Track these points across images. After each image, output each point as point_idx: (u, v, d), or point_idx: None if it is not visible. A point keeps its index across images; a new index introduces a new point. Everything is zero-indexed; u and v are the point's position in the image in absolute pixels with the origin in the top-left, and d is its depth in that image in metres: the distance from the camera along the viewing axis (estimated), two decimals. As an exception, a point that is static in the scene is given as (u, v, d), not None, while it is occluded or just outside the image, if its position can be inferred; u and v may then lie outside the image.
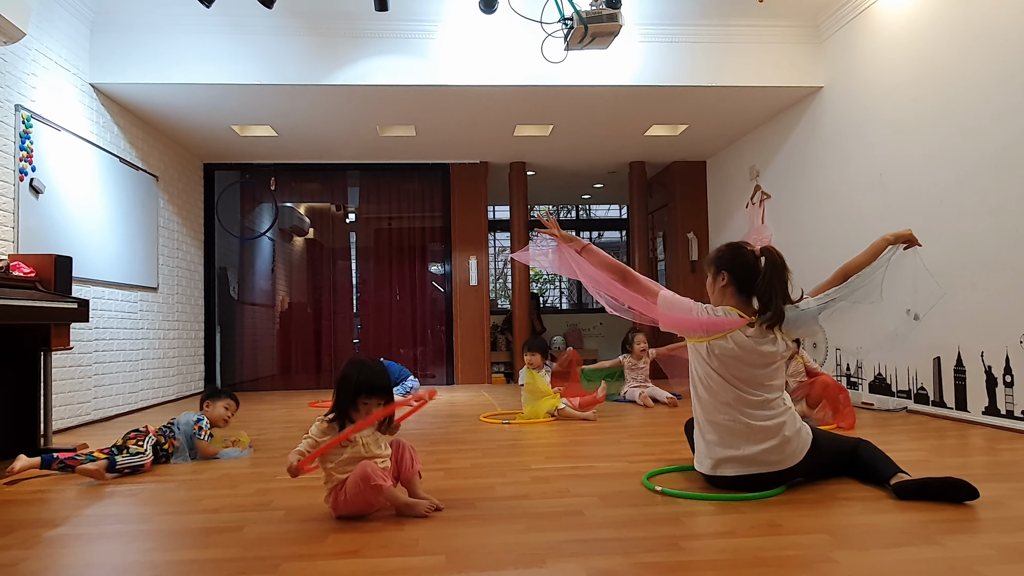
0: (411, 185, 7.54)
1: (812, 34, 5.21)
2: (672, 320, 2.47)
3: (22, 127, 3.97)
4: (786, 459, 2.34)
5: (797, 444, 2.36)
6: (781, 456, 2.33)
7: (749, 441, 2.33)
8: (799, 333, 2.49)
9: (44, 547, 1.96)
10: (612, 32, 3.83)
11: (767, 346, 2.36)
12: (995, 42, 3.69)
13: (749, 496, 2.30)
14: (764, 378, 2.37)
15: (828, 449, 2.49)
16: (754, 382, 2.36)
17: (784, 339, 2.40)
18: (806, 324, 2.44)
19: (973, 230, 3.84)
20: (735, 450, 2.35)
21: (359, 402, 2.20)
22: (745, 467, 2.34)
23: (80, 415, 4.54)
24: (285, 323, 7.74)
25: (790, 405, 2.44)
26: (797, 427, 2.38)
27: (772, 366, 2.38)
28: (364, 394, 2.20)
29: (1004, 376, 3.65)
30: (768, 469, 2.33)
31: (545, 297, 11.42)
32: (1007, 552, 1.75)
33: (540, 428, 4.10)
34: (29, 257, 3.58)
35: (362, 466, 2.09)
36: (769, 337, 2.37)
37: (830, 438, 2.60)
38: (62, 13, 4.42)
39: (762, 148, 6.23)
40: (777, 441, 2.32)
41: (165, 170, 6.01)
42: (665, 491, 2.39)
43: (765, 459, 2.32)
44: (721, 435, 2.38)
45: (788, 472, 2.36)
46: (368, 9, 4.32)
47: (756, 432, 2.33)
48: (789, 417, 2.38)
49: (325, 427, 2.20)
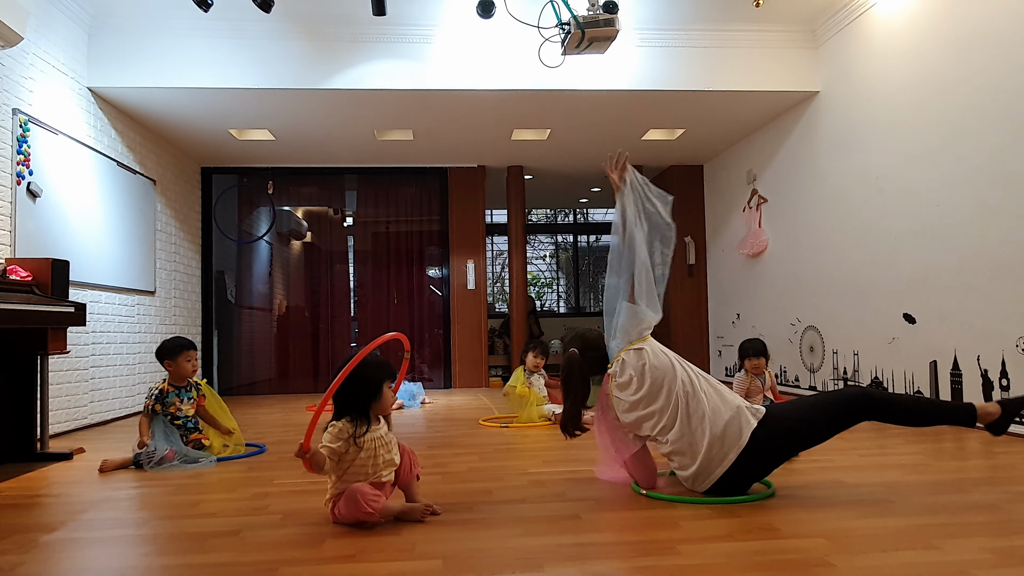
0: (409, 189, 7.55)
1: (809, 39, 5.23)
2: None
3: (19, 131, 3.97)
4: (725, 454, 2.29)
5: (722, 444, 2.29)
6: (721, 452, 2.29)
7: (690, 456, 2.33)
8: (635, 325, 2.51)
9: (40, 552, 1.96)
10: (609, 37, 3.84)
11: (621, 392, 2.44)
12: (990, 46, 3.71)
13: (734, 500, 2.31)
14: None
15: (791, 418, 2.38)
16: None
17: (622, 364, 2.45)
18: (630, 314, 2.50)
19: (970, 234, 3.85)
20: (686, 469, 2.36)
21: (384, 389, 2.18)
22: (704, 477, 2.32)
23: (77, 419, 4.53)
24: (283, 327, 7.74)
25: (697, 412, 2.35)
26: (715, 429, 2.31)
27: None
28: (388, 379, 2.20)
29: (1000, 380, 3.66)
30: (722, 468, 2.29)
31: (543, 301, 11.42)
32: (1004, 556, 1.75)
33: (538, 432, 4.10)
34: (26, 261, 3.57)
35: (352, 491, 2.05)
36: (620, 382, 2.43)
37: (793, 406, 2.47)
38: (59, 17, 4.43)
39: (759, 152, 6.24)
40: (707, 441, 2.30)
41: (163, 174, 6.00)
42: (649, 494, 2.41)
43: (707, 465, 2.30)
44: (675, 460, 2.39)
45: (741, 462, 2.29)
46: (366, 13, 4.34)
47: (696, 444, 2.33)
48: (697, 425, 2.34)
49: (338, 430, 2.12)
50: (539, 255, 11.51)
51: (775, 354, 5.96)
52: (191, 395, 3.37)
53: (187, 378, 3.38)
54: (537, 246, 11.48)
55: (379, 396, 2.17)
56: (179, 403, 3.32)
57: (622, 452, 2.48)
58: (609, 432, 2.53)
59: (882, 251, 4.56)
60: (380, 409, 2.20)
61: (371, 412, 2.18)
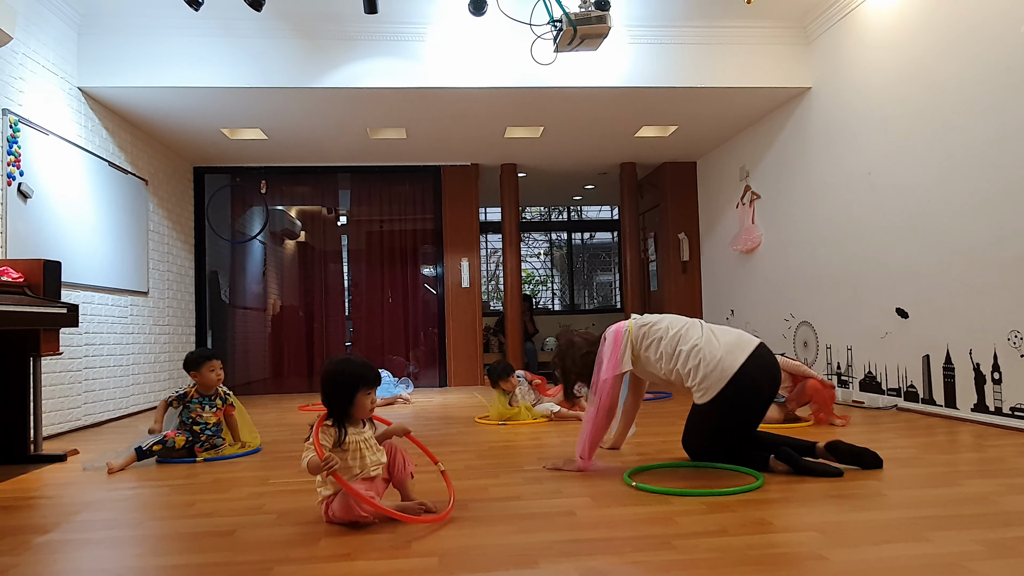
0: (402, 187, 7.54)
1: (800, 35, 5.25)
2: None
3: (9, 131, 3.95)
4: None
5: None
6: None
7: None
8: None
9: (34, 553, 1.95)
10: (601, 34, 3.84)
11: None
12: (980, 41, 3.72)
13: (728, 491, 2.34)
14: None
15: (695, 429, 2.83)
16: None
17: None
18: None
19: (961, 227, 3.87)
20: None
21: (358, 396, 2.17)
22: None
23: (71, 421, 4.51)
24: (277, 326, 7.72)
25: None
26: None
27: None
28: (364, 386, 2.18)
29: (992, 373, 3.68)
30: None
31: (538, 299, 11.43)
32: (995, 547, 1.76)
33: (534, 429, 4.11)
34: (17, 262, 3.55)
35: (343, 499, 2.05)
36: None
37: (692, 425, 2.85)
38: (49, 16, 4.40)
39: (752, 148, 6.26)
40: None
41: (155, 174, 5.98)
42: (640, 486, 2.43)
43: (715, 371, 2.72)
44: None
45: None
46: (357, 11, 4.32)
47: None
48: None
49: (325, 431, 2.14)
50: (533, 253, 11.51)
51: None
52: (215, 404, 3.43)
53: (213, 387, 3.45)
54: (531, 243, 11.48)
55: (354, 401, 2.17)
56: (200, 410, 3.39)
57: (607, 372, 2.77)
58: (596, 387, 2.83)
59: (874, 246, 4.58)
60: (359, 413, 2.19)
61: (351, 415, 2.18)
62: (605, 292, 11.60)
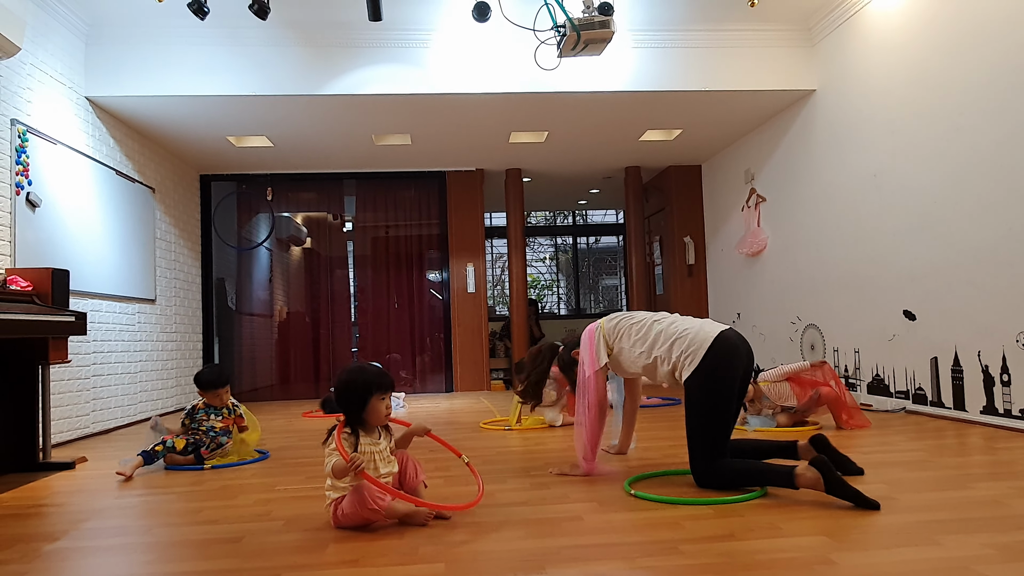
0: (407, 193, 7.56)
1: (804, 37, 5.24)
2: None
3: (18, 141, 3.98)
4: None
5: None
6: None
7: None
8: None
9: (44, 561, 1.96)
10: (605, 39, 3.84)
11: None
12: (986, 43, 3.71)
13: (726, 500, 2.31)
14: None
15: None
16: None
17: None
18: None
19: (968, 229, 3.85)
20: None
21: (372, 401, 2.18)
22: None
23: (79, 428, 4.53)
24: (283, 333, 7.74)
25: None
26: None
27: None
28: (378, 391, 2.19)
29: (1001, 375, 3.66)
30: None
31: (543, 303, 11.42)
32: (1006, 551, 1.75)
33: (540, 434, 4.10)
34: (26, 271, 3.58)
35: (358, 490, 2.08)
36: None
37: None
38: (57, 27, 4.44)
39: (757, 151, 6.25)
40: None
41: (161, 182, 6.01)
42: (638, 494, 2.42)
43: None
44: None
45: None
46: (362, 19, 4.35)
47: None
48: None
49: (343, 437, 2.16)
50: (539, 257, 11.51)
51: (776, 353, 5.97)
52: (221, 414, 3.53)
53: (222, 406, 3.56)
54: (537, 248, 11.48)
55: (367, 407, 2.18)
56: (206, 419, 3.49)
57: (593, 366, 2.78)
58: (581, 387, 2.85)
59: (881, 248, 4.57)
60: (373, 419, 2.20)
61: (364, 421, 2.20)
62: (611, 296, 11.59)
